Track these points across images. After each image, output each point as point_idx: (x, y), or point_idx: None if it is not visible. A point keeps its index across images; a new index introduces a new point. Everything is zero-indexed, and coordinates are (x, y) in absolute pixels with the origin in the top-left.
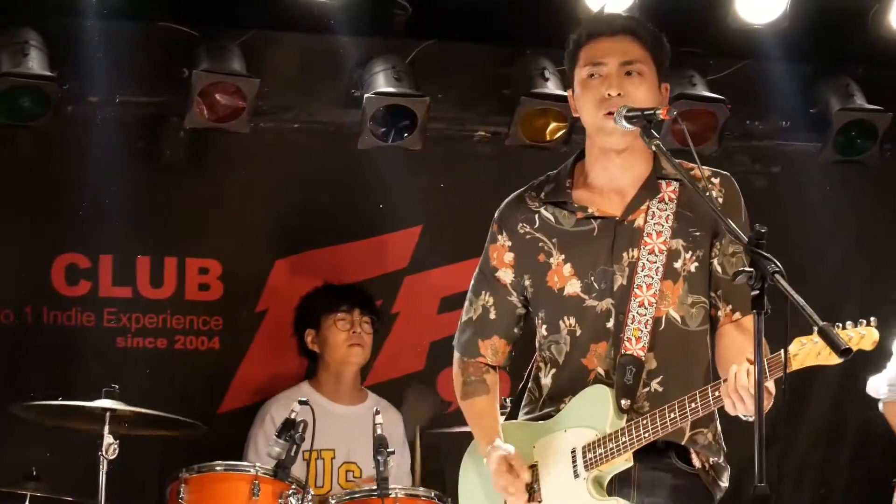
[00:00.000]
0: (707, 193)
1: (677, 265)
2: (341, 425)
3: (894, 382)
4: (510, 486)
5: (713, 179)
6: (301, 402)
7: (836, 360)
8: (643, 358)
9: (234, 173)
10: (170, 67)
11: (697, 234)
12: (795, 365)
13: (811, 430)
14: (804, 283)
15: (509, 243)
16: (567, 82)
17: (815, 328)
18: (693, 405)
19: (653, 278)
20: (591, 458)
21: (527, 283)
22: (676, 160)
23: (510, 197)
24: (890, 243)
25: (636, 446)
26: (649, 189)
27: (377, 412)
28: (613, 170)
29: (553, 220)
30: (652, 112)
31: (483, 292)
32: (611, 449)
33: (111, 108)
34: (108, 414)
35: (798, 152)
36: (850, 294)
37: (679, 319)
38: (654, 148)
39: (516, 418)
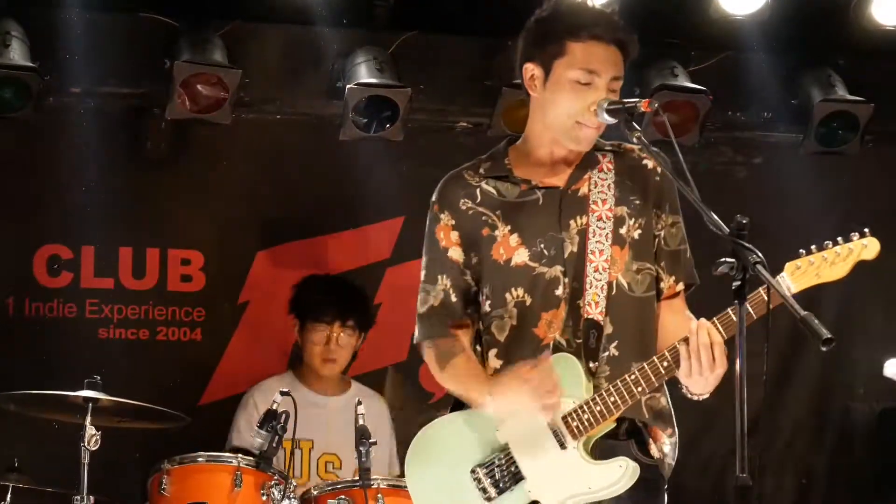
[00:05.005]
0: (643, 162)
1: (623, 231)
2: (323, 415)
3: None
4: (548, 380)
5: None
6: (283, 393)
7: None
8: (602, 322)
9: (215, 164)
10: (151, 59)
11: (638, 202)
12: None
13: (793, 419)
14: None
15: (452, 221)
16: (527, 54)
17: (797, 318)
18: (665, 364)
19: (603, 244)
20: (577, 426)
21: (474, 260)
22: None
23: (445, 178)
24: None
25: (628, 404)
26: (589, 161)
27: (359, 402)
28: (560, 152)
29: (495, 192)
30: (633, 105)
31: (439, 277)
32: (599, 411)
33: (93, 99)
34: (90, 404)
35: (780, 143)
36: (830, 284)
37: (626, 286)
38: (635, 140)
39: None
